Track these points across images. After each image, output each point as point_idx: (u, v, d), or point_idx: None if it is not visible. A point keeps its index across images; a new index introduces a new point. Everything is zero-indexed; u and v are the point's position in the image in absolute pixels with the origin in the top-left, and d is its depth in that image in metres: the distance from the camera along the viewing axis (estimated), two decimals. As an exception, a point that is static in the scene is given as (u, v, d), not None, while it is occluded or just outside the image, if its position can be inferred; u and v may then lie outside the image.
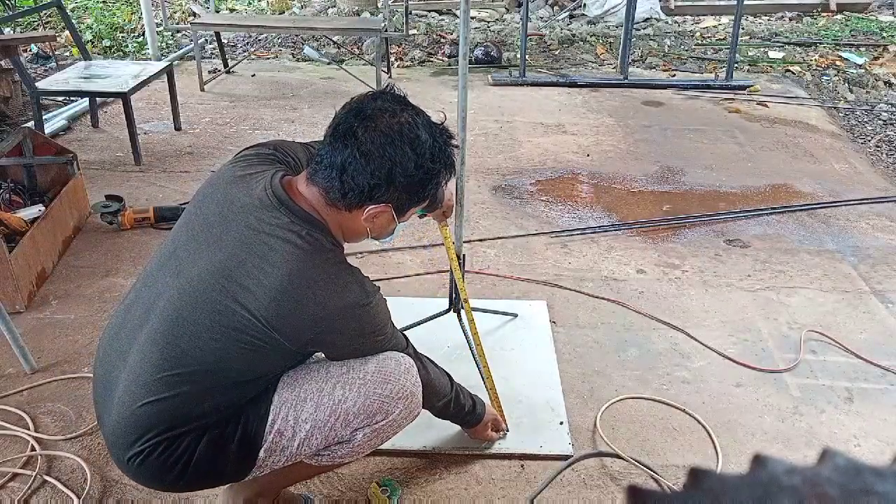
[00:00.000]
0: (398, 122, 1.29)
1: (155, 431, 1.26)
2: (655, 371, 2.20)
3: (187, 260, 1.31)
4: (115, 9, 6.93)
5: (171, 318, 1.27)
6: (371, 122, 1.28)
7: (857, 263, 2.83)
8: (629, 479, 1.81)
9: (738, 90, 4.95)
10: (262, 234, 1.27)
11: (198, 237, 1.32)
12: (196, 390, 1.27)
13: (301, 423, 1.34)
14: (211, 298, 1.25)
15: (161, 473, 1.29)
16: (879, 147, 4.17)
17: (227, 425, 1.30)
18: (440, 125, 1.37)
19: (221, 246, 1.28)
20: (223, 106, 4.55)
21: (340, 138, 1.29)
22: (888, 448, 1.92)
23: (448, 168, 1.37)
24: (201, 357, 1.26)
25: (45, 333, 2.32)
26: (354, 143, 1.27)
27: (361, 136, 1.27)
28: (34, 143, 2.96)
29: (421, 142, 1.29)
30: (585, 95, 4.88)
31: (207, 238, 1.31)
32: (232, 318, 1.24)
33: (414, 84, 5.01)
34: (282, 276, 1.24)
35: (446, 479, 1.79)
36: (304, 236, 1.27)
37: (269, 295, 1.23)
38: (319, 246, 1.29)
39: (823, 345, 2.35)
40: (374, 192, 1.29)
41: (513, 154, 3.86)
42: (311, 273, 1.26)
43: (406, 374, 1.41)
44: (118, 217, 2.94)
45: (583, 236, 3.00)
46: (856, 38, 6.45)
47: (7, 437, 1.91)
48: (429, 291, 2.58)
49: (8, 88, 4.18)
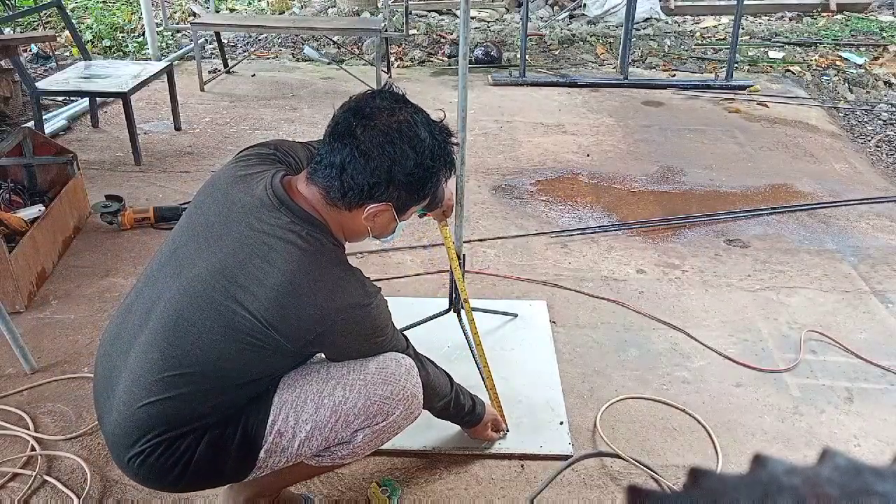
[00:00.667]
0: (397, 121, 1.28)
1: (155, 432, 1.26)
2: (655, 371, 2.20)
3: (188, 260, 1.31)
4: (115, 9, 6.92)
5: (172, 319, 1.27)
6: (370, 121, 1.27)
7: (857, 263, 2.83)
8: (629, 479, 1.81)
9: (738, 90, 4.95)
10: (262, 234, 1.27)
11: (198, 237, 1.32)
12: (196, 391, 1.27)
13: (301, 424, 1.33)
14: (211, 299, 1.25)
15: (161, 474, 1.29)
16: (879, 147, 4.17)
17: (227, 426, 1.30)
18: (439, 123, 1.36)
19: (222, 246, 1.28)
20: (223, 106, 4.55)
21: (339, 138, 1.28)
22: (888, 448, 1.92)
23: (448, 166, 1.37)
24: (202, 357, 1.26)
25: (45, 333, 2.32)
26: (353, 142, 1.27)
27: (360, 134, 1.27)
28: (34, 143, 2.96)
29: (420, 140, 1.29)
30: (585, 95, 4.88)
31: (208, 238, 1.31)
32: (232, 318, 1.24)
33: (414, 84, 5.00)
34: (282, 277, 1.23)
35: (446, 479, 1.79)
36: (304, 236, 1.27)
37: (269, 295, 1.23)
38: (320, 246, 1.29)
39: (823, 345, 2.35)
40: (374, 191, 1.29)
41: (513, 154, 3.86)
42: (311, 273, 1.26)
43: (407, 376, 1.41)
44: (118, 217, 2.94)
45: (583, 236, 3.00)
46: (856, 38, 6.45)
47: (7, 437, 1.91)
48: (429, 291, 2.58)
49: (8, 88, 4.18)
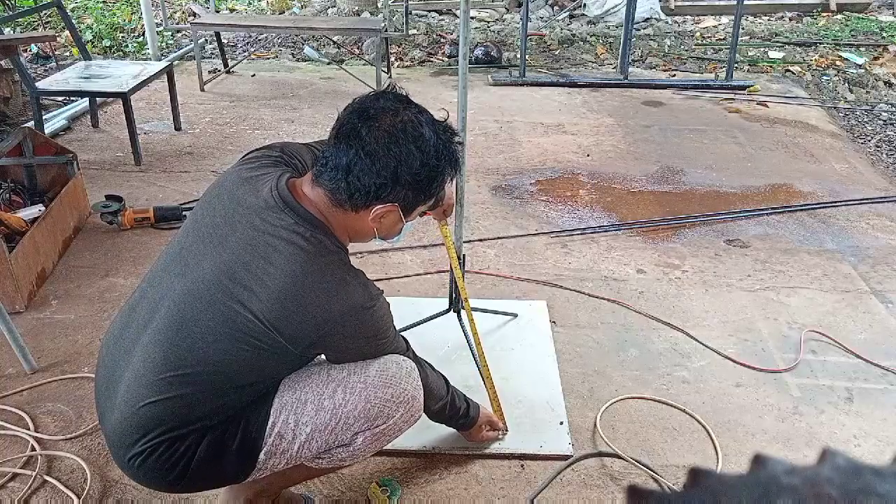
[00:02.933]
0: (401, 121, 1.29)
1: (156, 432, 1.26)
2: (655, 371, 2.20)
3: (193, 261, 1.31)
4: (115, 9, 6.92)
5: (176, 319, 1.27)
6: (374, 122, 1.28)
7: (856, 263, 2.83)
8: (629, 479, 1.81)
9: (738, 90, 4.95)
10: (266, 236, 1.27)
11: (204, 238, 1.33)
12: (198, 391, 1.27)
13: (301, 427, 1.33)
14: (215, 300, 1.25)
15: (161, 474, 1.29)
16: (879, 147, 4.17)
17: (227, 427, 1.30)
18: (443, 122, 1.37)
19: (226, 247, 1.29)
20: (223, 106, 4.55)
21: (344, 139, 1.29)
22: (888, 448, 1.92)
23: (453, 165, 1.37)
24: (204, 358, 1.26)
25: (45, 333, 2.32)
26: (359, 143, 1.27)
27: (365, 135, 1.27)
28: (34, 143, 2.96)
29: (425, 139, 1.29)
30: (585, 95, 4.88)
31: (213, 239, 1.31)
32: (235, 319, 1.24)
33: (414, 84, 5.00)
34: (285, 278, 1.24)
35: (446, 479, 1.79)
36: (308, 238, 1.27)
37: (271, 297, 1.23)
38: (323, 248, 1.29)
39: (823, 345, 2.35)
40: (380, 192, 1.29)
41: (513, 154, 3.86)
42: (314, 275, 1.26)
43: (407, 379, 1.41)
44: (118, 217, 2.94)
45: (583, 236, 3.00)
46: (856, 38, 6.45)
47: (7, 437, 1.91)
48: (429, 291, 2.58)
49: (8, 88, 4.18)
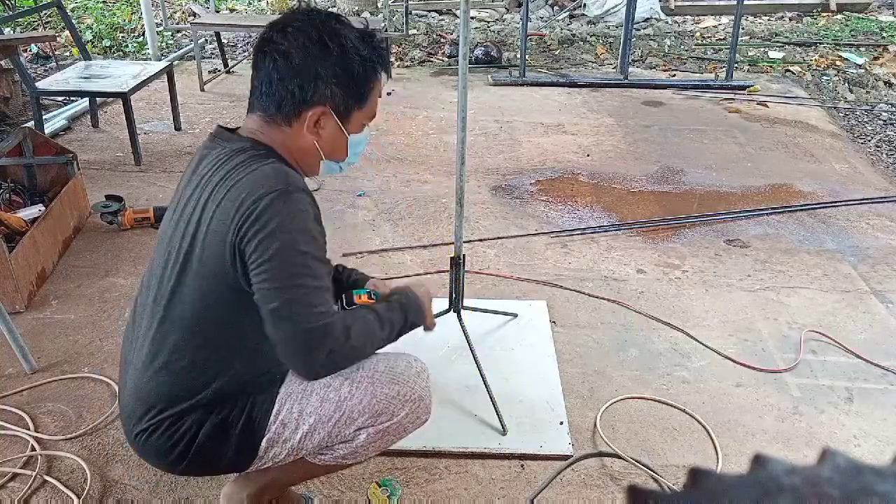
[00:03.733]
0: (313, 23, 1.30)
1: (159, 406, 1.29)
2: (655, 371, 2.20)
3: (175, 235, 1.33)
4: (115, 9, 6.93)
5: (172, 289, 1.30)
6: (287, 27, 1.29)
7: (856, 263, 2.83)
8: (629, 479, 1.81)
9: (738, 90, 4.95)
10: (215, 173, 1.28)
11: (176, 210, 1.35)
12: (189, 365, 1.29)
13: (305, 416, 1.34)
14: (188, 252, 1.28)
15: (164, 452, 1.32)
16: (879, 147, 4.17)
17: (231, 410, 1.32)
18: (363, 28, 1.36)
19: (190, 204, 1.31)
20: (223, 106, 4.55)
21: (259, 53, 1.30)
22: (888, 448, 1.92)
23: (381, 62, 1.35)
24: (182, 315, 1.28)
25: (45, 333, 2.32)
26: (273, 49, 1.28)
27: (278, 39, 1.28)
28: (34, 143, 2.96)
29: (342, 34, 1.30)
30: (585, 95, 4.88)
31: (185, 207, 1.33)
32: (192, 258, 1.26)
33: (414, 84, 5.01)
34: (227, 190, 1.24)
35: (446, 479, 1.79)
36: (249, 154, 1.28)
37: (216, 208, 1.24)
38: (265, 155, 1.29)
39: (823, 345, 2.35)
40: (305, 93, 1.29)
41: (513, 154, 3.86)
42: (251, 171, 1.26)
43: (416, 378, 1.40)
44: (118, 217, 2.94)
45: (583, 236, 3.00)
46: (856, 38, 6.45)
47: (7, 437, 1.91)
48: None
49: (8, 88, 4.19)
